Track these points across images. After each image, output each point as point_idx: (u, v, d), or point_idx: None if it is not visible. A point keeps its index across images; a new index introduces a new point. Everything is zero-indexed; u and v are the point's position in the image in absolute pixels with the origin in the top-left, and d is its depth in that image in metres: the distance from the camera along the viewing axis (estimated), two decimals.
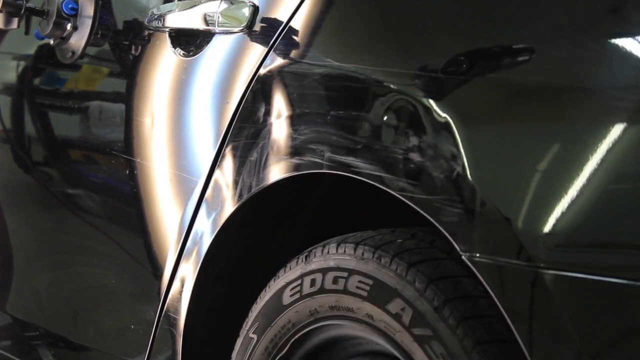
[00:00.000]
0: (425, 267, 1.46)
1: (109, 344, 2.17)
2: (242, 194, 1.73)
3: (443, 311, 1.41)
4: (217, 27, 1.84)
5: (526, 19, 1.43)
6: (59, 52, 2.09)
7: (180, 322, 1.86)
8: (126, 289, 2.11)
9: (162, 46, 1.95)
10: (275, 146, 1.67)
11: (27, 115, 2.39)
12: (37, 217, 2.42)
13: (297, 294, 1.62)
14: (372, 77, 1.55)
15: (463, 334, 1.39)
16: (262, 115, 1.71)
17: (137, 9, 2.05)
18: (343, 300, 1.54)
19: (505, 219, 1.33)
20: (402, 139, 1.47)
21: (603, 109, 1.31)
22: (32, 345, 2.46)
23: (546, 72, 1.36)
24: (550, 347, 1.29)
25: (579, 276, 1.27)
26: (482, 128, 1.42)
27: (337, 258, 1.56)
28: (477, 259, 1.35)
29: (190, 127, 1.88)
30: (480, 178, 1.37)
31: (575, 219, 1.28)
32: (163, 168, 1.93)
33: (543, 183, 1.31)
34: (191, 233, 1.84)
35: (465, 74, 1.44)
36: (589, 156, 1.28)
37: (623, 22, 1.35)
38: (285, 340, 1.65)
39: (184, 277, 1.85)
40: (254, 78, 1.74)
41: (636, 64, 1.30)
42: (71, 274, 2.33)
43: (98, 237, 2.17)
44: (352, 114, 1.56)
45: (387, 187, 1.47)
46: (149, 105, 1.97)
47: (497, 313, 1.35)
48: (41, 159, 2.40)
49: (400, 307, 1.46)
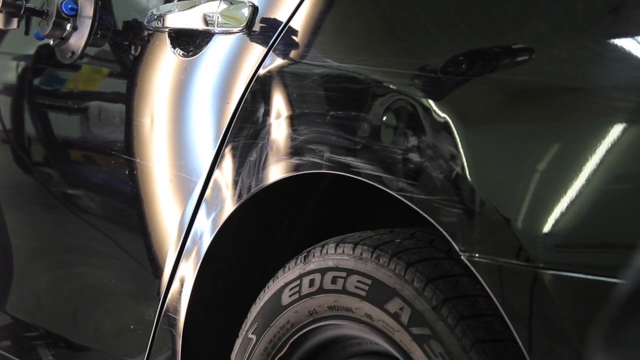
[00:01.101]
0: (423, 267, 1.46)
1: (108, 344, 2.17)
2: (242, 194, 1.73)
3: (442, 310, 1.41)
4: (217, 27, 1.84)
5: (525, 19, 1.43)
6: (58, 53, 2.09)
7: (179, 322, 1.86)
8: (126, 289, 2.11)
9: (161, 46, 1.95)
10: (275, 146, 1.67)
11: (27, 116, 2.39)
12: (37, 217, 2.42)
13: (296, 294, 1.62)
14: (371, 77, 1.55)
15: (462, 333, 1.39)
16: (261, 116, 1.71)
17: (136, 9, 2.05)
18: (342, 300, 1.54)
19: (504, 219, 1.33)
20: (401, 139, 1.47)
21: (602, 109, 1.30)
22: (32, 345, 2.46)
23: (545, 72, 1.36)
24: (549, 347, 1.29)
25: (578, 276, 1.27)
26: (481, 128, 1.42)
27: (336, 258, 1.56)
28: (476, 259, 1.35)
29: (190, 127, 1.88)
30: (479, 178, 1.37)
31: (574, 220, 1.28)
32: (162, 168, 1.93)
33: (542, 183, 1.31)
34: (190, 233, 1.84)
35: (465, 74, 1.44)
36: (587, 157, 1.28)
37: (623, 22, 1.35)
38: (284, 340, 1.65)
39: (183, 277, 1.85)
40: (253, 78, 1.74)
41: (635, 65, 1.30)
42: (71, 274, 2.33)
43: (98, 237, 2.17)
44: (351, 114, 1.56)
45: (387, 187, 1.47)
46: (149, 105, 1.97)
47: (495, 312, 1.35)
48: (41, 159, 2.40)
49: (398, 306, 1.46)
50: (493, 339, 1.38)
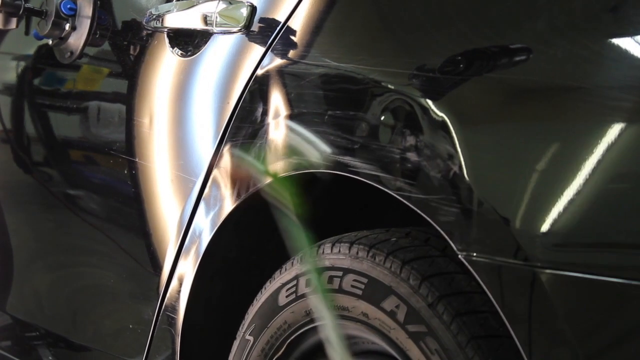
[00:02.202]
0: (419, 265, 1.46)
1: (108, 343, 2.17)
2: (240, 194, 1.73)
3: (437, 307, 1.41)
4: (215, 27, 1.84)
5: (523, 18, 1.43)
6: (57, 52, 2.09)
7: (178, 321, 1.86)
8: (125, 288, 2.11)
9: (160, 46, 1.95)
10: (273, 146, 1.67)
11: (26, 115, 2.39)
12: (37, 217, 2.42)
13: (292, 294, 1.62)
14: (369, 77, 1.55)
15: (457, 329, 1.39)
16: (259, 115, 1.71)
17: (135, 9, 2.05)
18: (338, 299, 1.54)
19: (502, 219, 1.33)
20: (399, 138, 1.47)
21: (600, 109, 1.30)
22: (32, 345, 2.46)
23: (543, 71, 1.36)
24: (548, 347, 1.29)
25: (576, 275, 1.27)
26: (479, 127, 1.42)
27: (332, 257, 1.56)
28: (474, 259, 1.35)
29: (189, 127, 1.88)
30: (477, 177, 1.37)
31: (572, 219, 1.28)
32: (161, 168, 1.93)
33: (540, 182, 1.31)
34: (189, 232, 1.84)
35: (463, 74, 1.44)
36: (586, 156, 1.27)
37: (621, 21, 1.35)
38: (282, 341, 1.65)
39: (182, 276, 1.85)
40: (251, 78, 1.74)
41: (634, 64, 1.30)
42: (71, 274, 2.33)
43: (97, 237, 2.18)
44: (349, 114, 1.56)
45: (385, 186, 1.47)
46: (147, 105, 1.97)
47: (491, 309, 1.35)
48: (41, 159, 2.40)
49: (394, 304, 1.46)
50: (488, 335, 1.39)
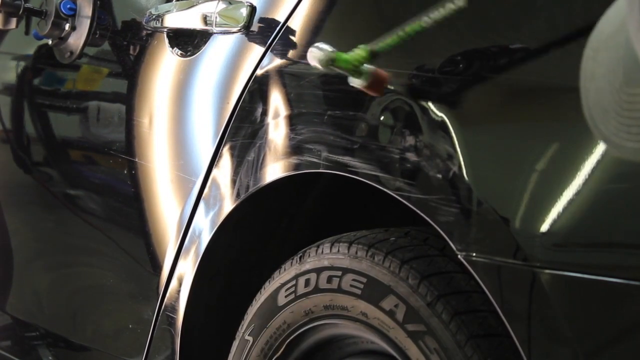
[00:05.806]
0: (418, 264, 1.46)
1: (108, 343, 2.17)
2: (240, 194, 1.73)
3: (436, 306, 1.41)
4: (215, 27, 1.84)
5: (523, 18, 1.43)
6: (57, 52, 2.10)
7: (178, 321, 1.86)
8: (125, 288, 2.11)
9: (160, 46, 1.96)
10: (273, 146, 1.67)
11: (26, 115, 2.39)
12: (37, 217, 2.42)
13: (291, 294, 1.62)
14: None
15: (456, 328, 1.39)
16: (259, 115, 1.71)
17: (135, 9, 2.05)
18: (337, 299, 1.54)
19: (501, 219, 1.33)
20: (398, 138, 1.47)
21: None
22: (32, 345, 2.46)
23: (543, 72, 1.36)
24: (547, 346, 1.29)
25: (575, 276, 1.27)
26: (478, 128, 1.42)
27: (331, 257, 1.56)
28: (473, 259, 1.35)
29: (188, 127, 1.88)
30: (476, 177, 1.37)
31: (571, 219, 1.28)
32: (161, 168, 1.93)
33: (540, 183, 1.31)
34: (189, 232, 1.84)
35: (462, 74, 1.44)
36: (585, 156, 1.27)
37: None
38: (281, 341, 1.65)
39: (181, 276, 1.85)
40: (251, 78, 1.74)
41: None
42: (71, 274, 2.33)
43: (97, 237, 2.18)
44: (349, 114, 1.56)
45: (384, 186, 1.47)
46: (147, 105, 1.98)
47: (489, 307, 1.35)
48: (41, 159, 2.40)
49: (393, 303, 1.46)
50: (487, 334, 1.39)
